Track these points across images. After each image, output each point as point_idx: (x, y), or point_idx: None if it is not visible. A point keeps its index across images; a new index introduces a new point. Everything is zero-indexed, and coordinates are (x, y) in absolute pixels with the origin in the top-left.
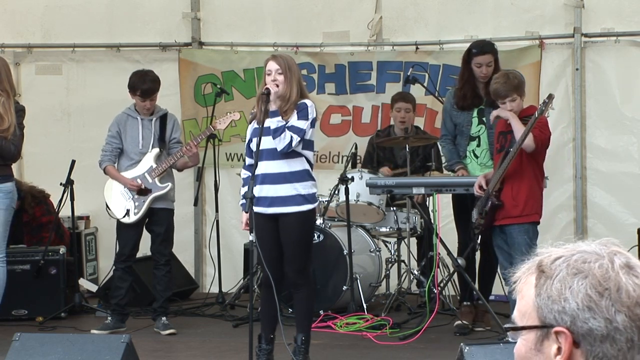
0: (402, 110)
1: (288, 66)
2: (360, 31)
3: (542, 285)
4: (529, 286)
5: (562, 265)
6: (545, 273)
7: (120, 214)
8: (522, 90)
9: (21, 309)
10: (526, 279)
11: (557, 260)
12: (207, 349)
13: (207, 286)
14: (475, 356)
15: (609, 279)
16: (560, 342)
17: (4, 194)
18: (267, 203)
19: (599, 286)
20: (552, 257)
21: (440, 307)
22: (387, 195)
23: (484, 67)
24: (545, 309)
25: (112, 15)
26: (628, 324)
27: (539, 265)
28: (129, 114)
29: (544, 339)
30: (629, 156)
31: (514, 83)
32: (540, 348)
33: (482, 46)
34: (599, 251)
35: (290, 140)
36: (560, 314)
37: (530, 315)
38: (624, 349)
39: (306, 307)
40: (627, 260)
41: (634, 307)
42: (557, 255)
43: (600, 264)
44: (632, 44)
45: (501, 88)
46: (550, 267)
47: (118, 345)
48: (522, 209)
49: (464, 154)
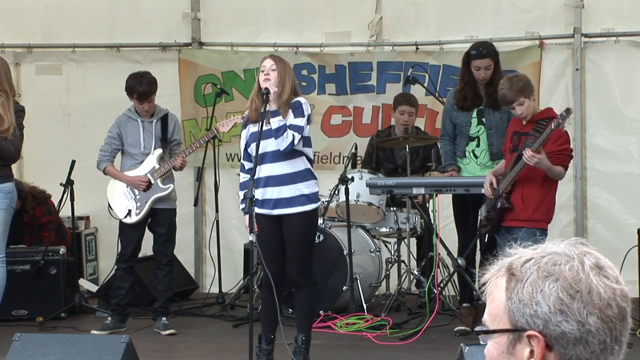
0: (405, 113)
1: (282, 65)
2: (361, 31)
3: (513, 288)
4: (499, 289)
5: (532, 268)
6: (515, 276)
7: (122, 214)
8: (528, 91)
9: (21, 309)
10: (496, 281)
11: (527, 263)
12: (207, 349)
13: (207, 286)
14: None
15: (579, 281)
16: (532, 346)
17: (4, 194)
18: (271, 205)
19: (570, 289)
20: (522, 259)
21: (440, 307)
22: (388, 196)
23: (483, 70)
24: (517, 312)
25: (112, 16)
26: (600, 326)
27: (508, 268)
28: (130, 116)
29: (516, 342)
30: (629, 156)
31: (519, 86)
32: (513, 351)
33: (480, 49)
34: (569, 252)
35: (293, 138)
36: (532, 318)
37: (501, 319)
38: (597, 351)
39: (307, 307)
40: (596, 260)
41: (606, 309)
42: (527, 257)
43: (570, 265)
44: (632, 44)
45: (507, 94)
46: (520, 270)
47: (118, 345)
48: (532, 214)
49: (463, 154)
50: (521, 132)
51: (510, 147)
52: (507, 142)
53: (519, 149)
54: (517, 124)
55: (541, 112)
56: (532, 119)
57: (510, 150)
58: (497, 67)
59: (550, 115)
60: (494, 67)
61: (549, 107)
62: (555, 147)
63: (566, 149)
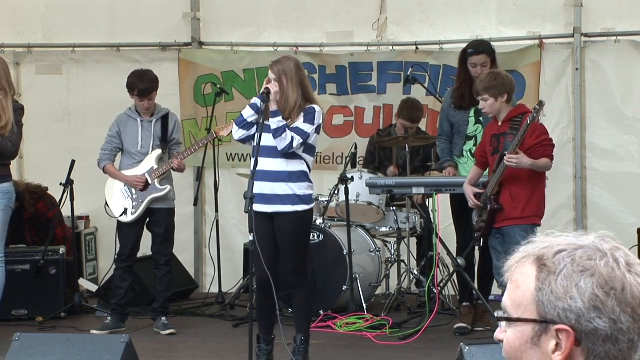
0: (405, 126)
1: (284, 72)
2: (362, 31)
3: (545, 279)
4: (525, 277)
5: (566, 261)
6: (547, 267)
7: (118, 213)
8: (498, 91)
9: (21, 309)
10: (522, 268)
11: (560, 254)
12: (207, 349)
13: (207, 286)
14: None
15: (615, 278)
16: (560, 339)
17: (2, 194)
18: (263, 200)
19: (605, 285)
20: (553, 250)
21: (440, 307)
22: (387, 196)
23: (479, 67)
24: (548, 304)
25: (112, 16)
26: (631, 324)
27: (539, 258)
28: (130, 115)
29: (542, 334)
30: (629, 156)
31: (491, 84)
32: (538, 343)
33: (477, 46)
34: (600, 247)
35: (291, 140)
36: (565, 312)
37: (527, 308)
38: (625, 349)
39: (305, 307)
40: (626, 257)
41: (638, 308)
42: (559, 248)
43: (605, 262)
44: (632, 43)
45: (477, 86)
46: (552, 262)
47: (118, 345)
48: (522, 211)
49: (461, 153)
50: (499, 133)
51: (491, 150)
52: (487, 145)
53: (499, 151)
54: (493, 127)
55: (514, 110)
56: (507, 117)
57: (492, 153)
58: (493, 66)
59: (524, 111)
60: (490, 65)
61: (521, 104)
62: (533, 141)
63: (544, 140)
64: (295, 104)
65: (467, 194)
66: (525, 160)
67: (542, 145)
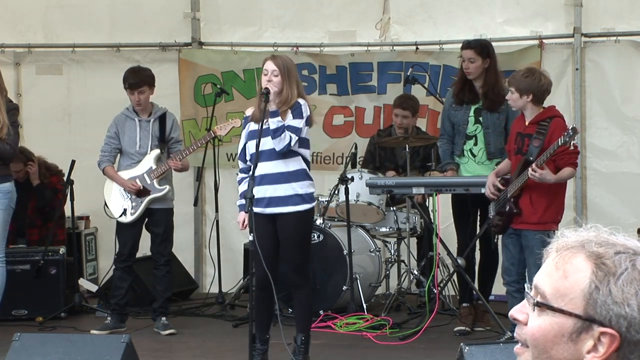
0: (399, 116)
1: (287, 68)
2: (364, 31)
3: (603, 278)
4: (577, 270)
5: (626, 263)
6: (607, 266)
7: (117, 213)
8: (524, 90)
9: (21, 309)
10: (573, 259)
11: (619, 256)
12: (207, 349)
13: (207, 286)
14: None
15: None
16: (601, 342)
17: (3, 194)
18: (264, 203)
19: None
20: (611, 249)
21: (440, 307)
22: (387, 196)
23: (467, 62)
24: (602, 306)
25: (112, 16)
26: None
27: (597, 256)
28: (127, 115)
29: (583, 331)
30: (629, 156)
31: (518, 78)
32: (575, 339)
33: (468, 41)
34: None
35: (290, 140)
36: (617, 317)
37: (572, 301)
38: None
39: (305, 307)
40: None
41: None
42: (617, 249)
43: None
44: (632, 43)
45: (510, 78)
46: (613, 262)
47: (118, 345)
48: (541, 216)
49: (462, 152)
50: (524, 133)
51: (515, 148)
52: (512, 143)
53: (523, 151)
54: (520, 124)
55: (543, 112)
56: (534, 120)
57: (515, 152)
58: (491, 67)
59: (552, 114)
60: (489, 66)
61: (552, 106)
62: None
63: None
64: (291, 100)
65: (487, 183)
66: (549, 177)
67: (567, 153)
